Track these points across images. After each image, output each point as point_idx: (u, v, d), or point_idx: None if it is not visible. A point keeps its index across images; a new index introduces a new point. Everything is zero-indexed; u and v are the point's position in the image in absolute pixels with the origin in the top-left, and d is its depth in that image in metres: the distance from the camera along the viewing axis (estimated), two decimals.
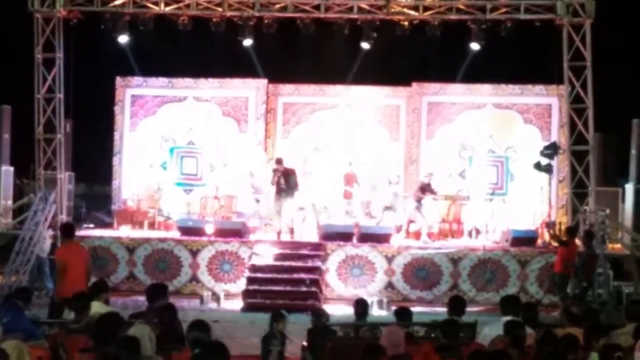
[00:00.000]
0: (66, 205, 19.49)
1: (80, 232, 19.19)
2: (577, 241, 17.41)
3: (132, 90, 21.68)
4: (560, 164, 20.04)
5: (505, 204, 20.51)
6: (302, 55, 21.16)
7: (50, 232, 18.45)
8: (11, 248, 18.35)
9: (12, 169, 21.09)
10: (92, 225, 20.37)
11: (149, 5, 19.35)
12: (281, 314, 10.45)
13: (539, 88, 20.92)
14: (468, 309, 10.65)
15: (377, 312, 16.06)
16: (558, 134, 20.40)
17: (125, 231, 19.59)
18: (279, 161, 18.78)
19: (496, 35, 19.26)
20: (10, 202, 20.76)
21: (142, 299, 13.59)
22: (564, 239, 17.01)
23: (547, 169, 19.30)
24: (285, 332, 10.61)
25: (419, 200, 19.25)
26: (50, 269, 18.08)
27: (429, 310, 16.11)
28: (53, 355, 8.49)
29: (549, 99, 20.88)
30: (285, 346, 10.32)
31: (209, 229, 18.73)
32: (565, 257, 16.62)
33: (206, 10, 19.36)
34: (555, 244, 17.61)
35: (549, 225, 18.20)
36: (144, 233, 19.58)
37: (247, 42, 19.78)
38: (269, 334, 10.25)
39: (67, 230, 13.49)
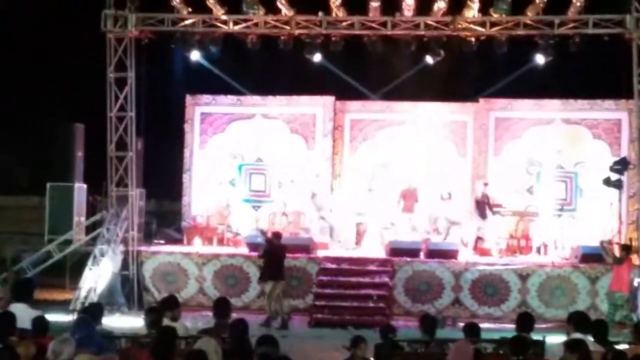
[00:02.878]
0: (137, 221, 19.76)
1: (150, 248, 19.55)
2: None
3: (201, 108, 21.97)
4: (631, 179, 19.81)
5: (574, 220, 20.32)
6: (369, 72, 21.28)
7: (122, 248, 18.76)
8: (84, 264, 18.71)
9: (85, 186, 21.48)
10: (162, 242, 20.64)
11: (218, 24, 19.59)
12: (362, 338, 10.06)
13: (608, 103, 20.71)
14: (536, 325, 10.58)
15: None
16: (628, 149, 20.15)
17: (196, 247, 19.80)
18: (277, 235, 17.85)
19: (564, 50, 19.04)
20: (83, 219, 21.13)
21: (210, 314, 13.78)
22: (619, 256, 16.77)
23: (617, 185, 19.06)
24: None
25: (481, 215, 19.22)
26: (122, 285, 18.43)
27: (496, 326, 16.01)
28: None
29: (618, 114, 20.66)
30: None
31: None
32: (620, 275, 16.33)
33: (274, 29, 19.52)
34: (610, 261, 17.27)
35: (603, 242, 17.92)
36: (213, 249, 19.78)
37: (317, 57, 19.88)
38: None
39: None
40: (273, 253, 17.26)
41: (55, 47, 23.50)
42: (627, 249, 17.00)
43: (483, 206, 19.49)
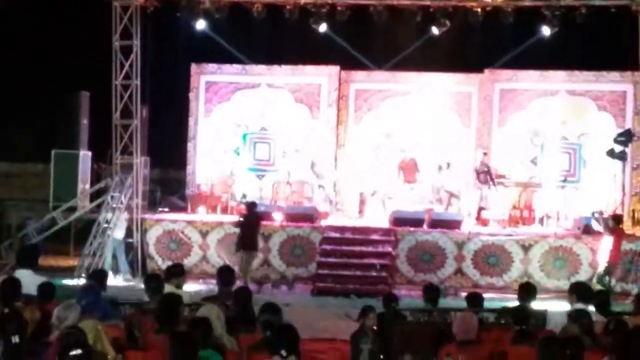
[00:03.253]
0: (141, 189, 19.82)
1: (155, 216, 19.63)
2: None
3: (206, 77, 21.96)
4: (635, 151, 19.84)
5: (577, 192, 20.34)
6: (374, 42, 21.25)
7: (126, 216, 18.83)
8: (88, 231, 18.81)
9: (90, 153, 21.54)
10: (166, 209, 20.72)
11: None
12: (371, 307, 9.98)
13: (614, 75, 20.65)
14: (538, 295, 10.65)
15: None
16: (632, 121, 20.16)
17: (199, 215, 19.89)
18: (252, 204, 17.93)
19: (570, 22, 19.00)
20: (88, 186, 21.20)
21: (214, 281, 13.86)
22: (610, 226, 16.91)
23: (621, 156, 19.11)
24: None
25: (481, 187, 19.32)
26: (126, 252, 18.53)
27: (498, 296, 16.10)
28: (129, 335, 8.71)
29: (623, 86, 20.61)
30: (376, 344, 9.63)
31: (281, 214, 18.97)
32: (607, 245, 16.64)
33: None
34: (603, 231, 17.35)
35: (594, 213, 17.98)
36: (217, 217, 19.86)
37: (322, 27, 19.85)
38: (359, 331, 9.72)
39: None
40: (247, 222, 17.29)
41: (60, 14, 23.49)
42: (616, 219, 17.17)
43: (484, 176, 19.53)
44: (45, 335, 8.06)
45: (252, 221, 17.30)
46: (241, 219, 17.47)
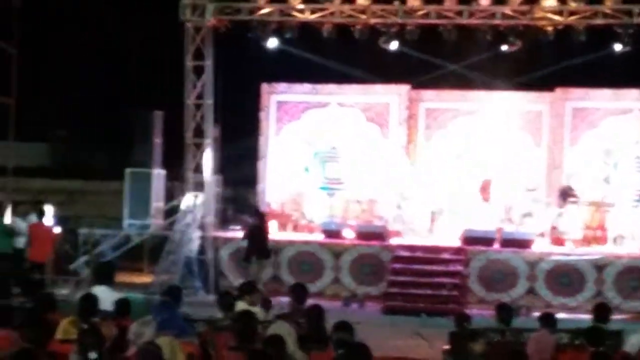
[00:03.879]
0: (214, 207, 20.03)
1: (226, 234, 19.82)
2: None
3: (277, 97, 22.09)
4: None
5: None
6: (443, 61, 21.23)
7: (199, 234, 19.05)
8: (162, 248, 19.07)
9: (163, 172, 21.82)
10: (238, 228, 20.88)
11: (295, 13, 19.74)
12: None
13: None
14: (613, 317, 10.53)
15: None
16: None
17: (271, 234, 19.99)
18: (260, 214, 18.15)
19: None
20: (161, 204, 21.49)
21: (286, 299, 13.94)
22: None
23: None
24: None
25: (561, 206, 19.08)
26: (199, 270, 18.73)
27: (572, 317, 15.93)
28: (203, 351, 8.82)
29: None
30: None
31: (351, 232, 19.02)
32: None
33: (350, 18, 19.61)
34: None
35: None
36: (288, 235, 19.97)
37: (392, 46, 19.90)
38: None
39: None
40: (257, 231, 17.32)
41: (135, 35, 23.92)
42: None
43: (565, 195, 19.34)
44: (121, 351, 8.20)
45: (261, 228, 17.20)
46: (250, 227, 17.40)
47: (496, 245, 18.45)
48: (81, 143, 27.08)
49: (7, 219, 18.44)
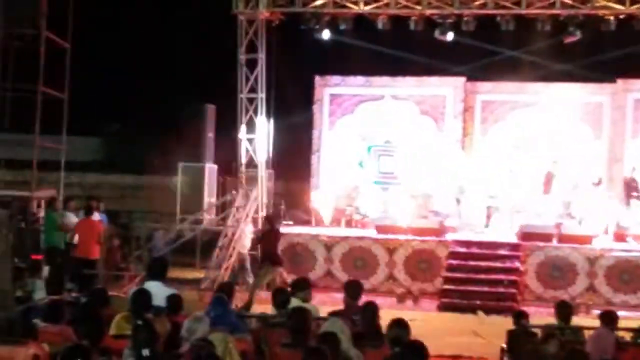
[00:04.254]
0: (266, 202, 19.90)
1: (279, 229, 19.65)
2: None
3: (330, 90, 21.90)
4: None
5: None
6: (501, 52, 20.86)
7: (251, 229, 18.91)
8: (214, 243, 18.96)
9: (215, 166, 21.80)
10: (290, 223, 20.73)
11: (349, 5, 19.51)
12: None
13: None
14: None
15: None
16: None
17: (324, 228, 19.83)
18: (269, 219, 17.23)
19: None
20: (213, 199, 21.45)
21: (339, 295, 13.72)
22: None
23: None
24: None
25: (625, 200, 18.62)
26: (251, 265, 18.58)
27: (633, 315, 15.49)
28: (256, 348, 8.65)
29: None
30: None
31: (406, 227, 18.74)
32: None
33: (405, 9, 19.33)
34: None
35: None
36: (342, 231, 19.75)
37: (449, 36, 19.55)
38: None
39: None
40: (266, 239, 16.70)
41: (188, 29, 23.88)
42: None
43: (629, 189, 18.88)
44: (174, 348, 8.05)
45: (271, 237, 16.66)
46: (260, 235, 17.15)
47: (554, 241, 18.01)
48: (134, 137, 27.13)
49: (60, 214, 18.42)
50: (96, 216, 17.66)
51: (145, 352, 7.30)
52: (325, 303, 15.02)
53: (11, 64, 25.29)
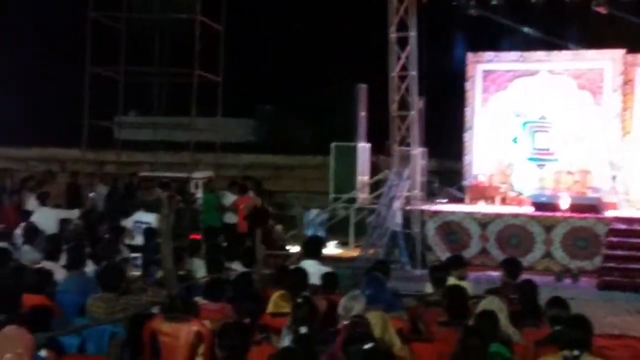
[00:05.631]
0: (419, 180, 19.81)
1: (433, 207, 19.55)
2: None
3: (483, 66, 21.52)
4: None
5: None
6: None
7: (405, 207, 18.83)
8: (367, 222, 19.04)
9: (368, 145, 21.84)
10: (444, 201, 20.59)
11: None
12: None
13: None
14: None
15: None
16: None
17: (478, 206, 19.63)
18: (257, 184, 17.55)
19: None
20: (366, 178, 21.52)
21: (494, 274, 13.57)
22: None
23: None
24: None
25: None
26: (405, 244, 18.55)
27: None
28: (413, 327, 8.64)
29: None
30: None
31: (564, 204, 18.32)
32: None
33: None
34: None
35: None
36: (496, 208, 19.48)
37: (606, 8, 18.88)
38: None
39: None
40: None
41: (338, 9, 23.98)
42: None
43: None
44: (331, 325, 8.12)
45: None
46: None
47: None
48: (286, 118, 27.46)
49: (219, 195, 18.85)
50: (251, 194, 18.03)
51: (303, 329, 7.39)
52: (480, 281, 14.99)
53: (167, 49, 26.09)
